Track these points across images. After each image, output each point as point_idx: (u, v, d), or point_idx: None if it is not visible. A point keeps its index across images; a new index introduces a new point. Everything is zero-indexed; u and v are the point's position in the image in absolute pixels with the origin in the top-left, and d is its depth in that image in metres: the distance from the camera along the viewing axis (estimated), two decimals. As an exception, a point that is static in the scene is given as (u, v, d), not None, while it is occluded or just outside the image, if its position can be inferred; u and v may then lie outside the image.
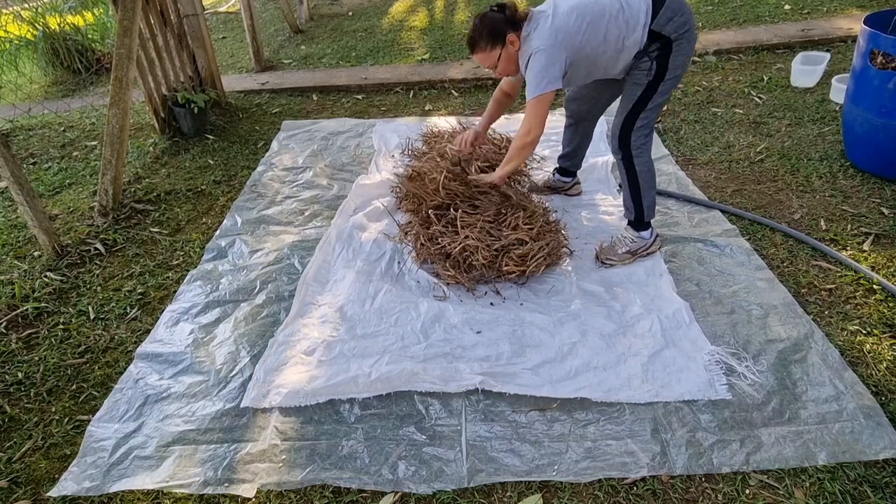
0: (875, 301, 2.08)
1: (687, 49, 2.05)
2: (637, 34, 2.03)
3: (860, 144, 2.77)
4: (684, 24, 2.01)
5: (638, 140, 2.20)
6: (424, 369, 1.93)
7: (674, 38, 2.02)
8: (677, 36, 2.01)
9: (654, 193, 2.31)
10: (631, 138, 2.19)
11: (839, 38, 4.30)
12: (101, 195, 3.02)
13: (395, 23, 6.03)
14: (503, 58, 2.16)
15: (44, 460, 1.79)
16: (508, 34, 2.10)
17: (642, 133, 2.19)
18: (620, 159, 2.26)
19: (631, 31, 2.03)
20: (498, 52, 2.14)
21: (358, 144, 3.63)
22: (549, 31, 2.02)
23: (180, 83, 3.85)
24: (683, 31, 2.01)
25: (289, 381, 1.94)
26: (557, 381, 1.88)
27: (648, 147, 2.23)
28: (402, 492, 1.61)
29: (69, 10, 5.35)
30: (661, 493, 1.56)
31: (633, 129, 2.18)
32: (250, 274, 2.52)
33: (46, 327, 2.32)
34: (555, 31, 2.01)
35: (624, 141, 2.21)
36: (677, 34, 2.01)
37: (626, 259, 2.38)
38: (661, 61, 2.05)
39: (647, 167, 2.24)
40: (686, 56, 2.07)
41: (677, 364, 1.90)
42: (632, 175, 2.26)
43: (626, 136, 2.20)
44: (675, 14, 1.99)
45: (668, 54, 2.04)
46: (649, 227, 2.38)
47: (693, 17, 2.04)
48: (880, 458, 1.58)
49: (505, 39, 2.11)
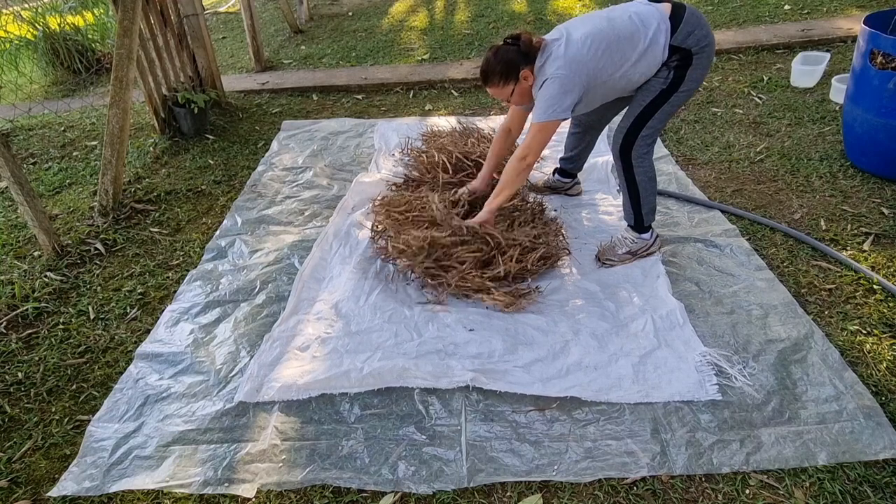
0: (875, 301, 2.08)
1: (706, 63, 2.04)
2: (657, 53, 2.00)
3: (860, 144, 2.77)
4: (705, 38, 1.99)
5: (639, 150, 2.16)
6: (416, 365, 1.93)
7: (694, 51, 2.00)
8: (698, 49, 2.00)
9: (654, 199, 2.29)
10: (633, 147, 2.15)
11: (839, 38, 4.30)
12: (101, 195, 3.02)
13: (395, 23, 6.03)
14: (516, 92, 2.13)
15: (44, 460, 1.79)
16: (522, 69, 2.06)
17: (645, 143, 2.15)
18: (620, 168, 2.22)
19: (650, 52, 1.99)
20: (511, 87, 2.11)
21: (358, 144, 3.63)
22: (563, 61, 1.97)
23: (180, 83, 3.85)
24: (704, 44, 1.99)
25: (282, 375, 1.95)
26: (548, 379, 1.88)
27: (650, 157, 2.20)
28: (402, 492, 1.61)
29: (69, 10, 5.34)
30: (661, 493, 1.56)
31: (638, 137, 2.13)
32: (250, 274, 2.52)
33: (46, 327, 2.32)
34: (569, 62, 1.96)
35: (625, 150, 2.17)
36: (698, 47, 1.99)
37: (627, 259, 2.37)
38: (679, 72, 2.02)
39: (647, 176, 2.21)
40: (703, 70, 2.05)
41: (668, 365, 1.90)
42: (631, 184, 2.23)
43: (628, 144, 2.16)
44: (694, 28, 1.98)
45: (687, 66, 2.01)
46: (650, 228, 2.38)
47: (713, 35, 2.04)
48: (880, 458, 1.58)
49: (518, 75, 2.08)
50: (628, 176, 2.22)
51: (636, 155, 2.17)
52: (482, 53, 4.75)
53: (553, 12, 5.71)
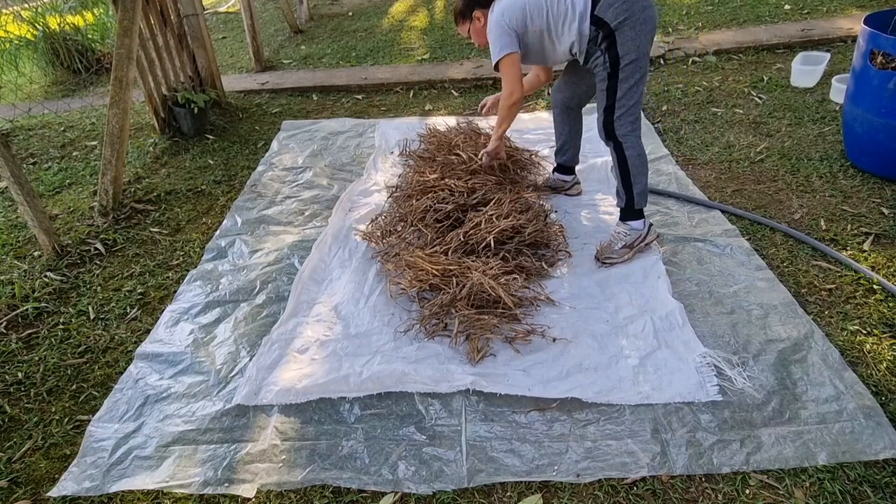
0: (875, 301, 2.08)
1: (631, 35, 2.09)
2: (576, 23, 2.16)
3: (860, 144, 2.77)
4: (625, 12, 2.07)
5: (623, 128, 2.24)
6: (416, 370, 1.92)
7: (614, 26, 2.09)
8: (617, 24, 2.08)
9: (645, 181, 2.33)
10: (615, 127, 2.25)
11: (839, 38, 4.30)
12: (101, 195, 3.02)
13: (395, 23, 6.03)
14: (472, 31, 2.47)
15: (44, 460, 1.79)
16: (475, 10, 2.41)
17: (626, 121, 2.23)
18: (611, 147, 2.32)
19: (571, 19, 2.16)
20: (467, 25, 2.47)
21: (358, 144, 3.63)
22: (497, 11, 2.28)
23: (180, 83, 3.85)
24: (622, 18, 2.07)
25: (281, 378, 1.95)
26: (548, 381, 1.87)
27: (637, 133, 2.28)
28: (402, 492, 1.61)
29: (69, 10, 5.35)
30: (661, 493, 1.56)
31: (614, 118, 2.24)
32: (250, 274, 2.52)
33: (46, 327, 2.32)
34: (501, 11, 2.26)
35: (609, 132, 2.27)
36: (616, 22, 2.08)
37: (625, 254, 2.37)
38: (611, 52, 2.13)
39: (636, 153, 2.28)
40: (633, 41, 2.10)
41: (669, 366, 1.89)
42: (622, 161, 2.30)
43: (609, 127, 2.26)
44: (613, 2, 2.07)
45: (614, 44, 2.11)
46: (640, 216, 2.38)
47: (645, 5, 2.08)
48: (880, 458, 1.58)
49: (472, 15, 2.42)
50: (619, 153, 2.29)
51: (621, 133, 2.26)
52: (482, 53, 4.76)
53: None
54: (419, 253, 2.30)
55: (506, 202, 2.49)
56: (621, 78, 2.16)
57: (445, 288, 2.16)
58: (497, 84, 4.27)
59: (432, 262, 2.24)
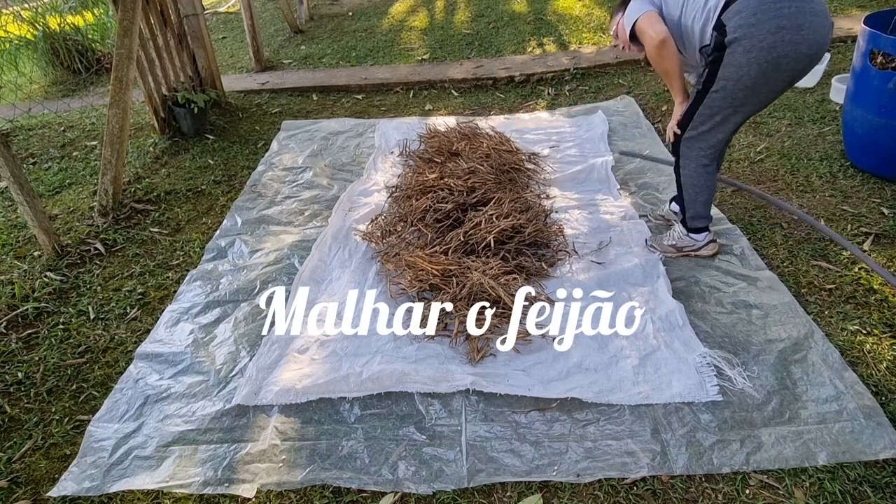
0: (875, 301, 2.08)
1: (742, 59, 1.80)
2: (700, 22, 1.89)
3: (860, 144, 2.77)
4: (747, 27, 1.75)
5: (689, 151, 2.13)
6: (416, 370, 1.93)
7: (728, 39, 1.80)
8: (733, 38, 1.79)
9: (700, 208, 2.24)
10: (682, 142, 2.15)
11: (839, 38, 4.29)
12: (101, 195, 3.02)
13: (395, 23, 6.03)
14: (619, 25, 2.14)
15: (44, 460, 1.79)
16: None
17: (695, 146, 2.11)
18: (675, 160, 2.23)
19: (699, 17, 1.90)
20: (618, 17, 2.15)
21: (358, 144, 3.63)
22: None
23: (180, 83, 3.85)
24: (740, 34, 1.77)
25: (281, 379, 1.95)
26: (548, 381, 1.88)
27: (702, 164, 2.13)
28: (402, 492, 1.61)
29: (69, 10, 5.35)
30: (661, 493, 1.56)
31: (684, 136, 2.12)
32: (250, 274, 2.52)
33: (46, 327, 2.32)
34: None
35: (675, 143, 2.19)
36: (733, 35, 1.78)
37: (670, 252, 2.37)
38: (712, 68, 1.90)
39: (690, 180, 2.19)
40: (739, 68, 1.82)
41: (669, 366, 1.89)
42: (678, 179, 2.25)
43: (677, 140, 2.18)
44: (743, 9, 1.75)
45: (719, 60, 1.86)
46: (701, 232, 2.32)
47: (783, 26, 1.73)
48: (880, 458, 1.58)
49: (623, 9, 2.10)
50: (676, 171, 2.23)
51: (683, 153, 2.16)
52: (482, 53, 4.75)
53: (553, 12, 5.71)
54: (419, 253, 2.30)
55: (506, 202, 2.49)
56: (705, 102, 1.95)
57: (445, 288, 2.17)
58: (497, 84, 4.28)
59: (432, 262, 2.24)
